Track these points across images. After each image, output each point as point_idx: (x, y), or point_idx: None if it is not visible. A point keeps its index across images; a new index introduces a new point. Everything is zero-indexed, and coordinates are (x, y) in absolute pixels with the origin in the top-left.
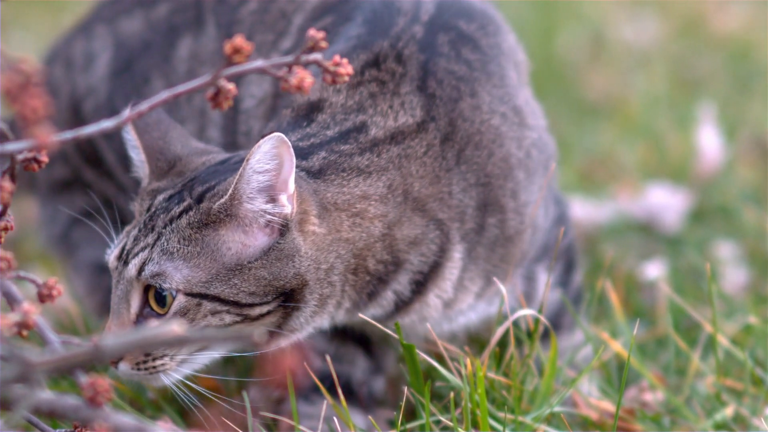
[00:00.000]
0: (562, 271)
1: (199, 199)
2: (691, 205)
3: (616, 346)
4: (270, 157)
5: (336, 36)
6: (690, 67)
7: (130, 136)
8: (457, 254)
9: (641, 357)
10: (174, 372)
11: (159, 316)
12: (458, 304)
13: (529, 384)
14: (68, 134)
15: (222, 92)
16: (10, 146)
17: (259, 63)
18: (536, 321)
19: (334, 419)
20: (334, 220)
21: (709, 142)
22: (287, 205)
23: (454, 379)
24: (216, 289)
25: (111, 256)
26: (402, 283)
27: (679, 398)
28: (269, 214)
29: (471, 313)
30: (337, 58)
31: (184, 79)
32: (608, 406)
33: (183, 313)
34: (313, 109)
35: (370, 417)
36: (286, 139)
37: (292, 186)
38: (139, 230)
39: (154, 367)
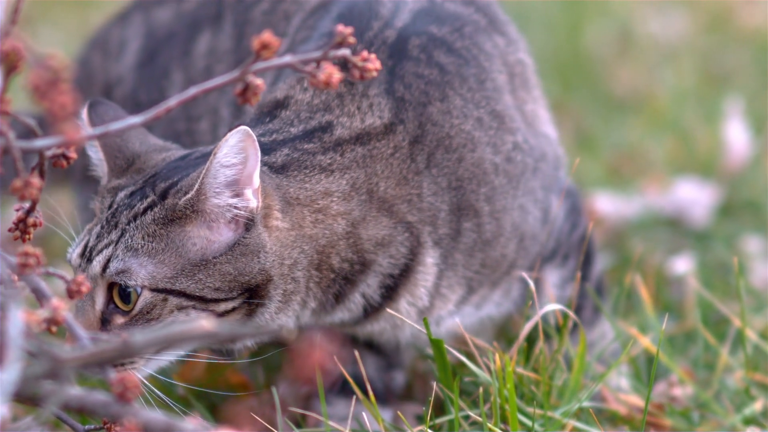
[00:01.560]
0: (575, 267)
1: (163, 196)
2: (719, 199)
3: (645, 341)
4: (236, 151)
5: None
6: (717, 61)
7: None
8: (430, 259)
9: (670, 352)
10: (140, 371)
11: (124, 313)
12: (436, 311)
13: (558, 379)
14: (97, 131)
15: (250, 88)
16: (39, 143)
17: (287, 59)
18: (565, 316)
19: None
20: (296, 215)
21: (737, 136)
22: (253, 200)
23: (483, 375)
24: (181, 285)
25: (73, 253)
26: (371, 285)
27: (708, 393)
28: (235, 208)
29: (452, 319)
30: (364, 53)
31: (202, 75)
32: (637, 401)
33: (149, 309)
34: (277, 105)
35: (398, 412)
36: (251, 132)
37: (257, 180)
38: (102, 227)
39: (123, 364)
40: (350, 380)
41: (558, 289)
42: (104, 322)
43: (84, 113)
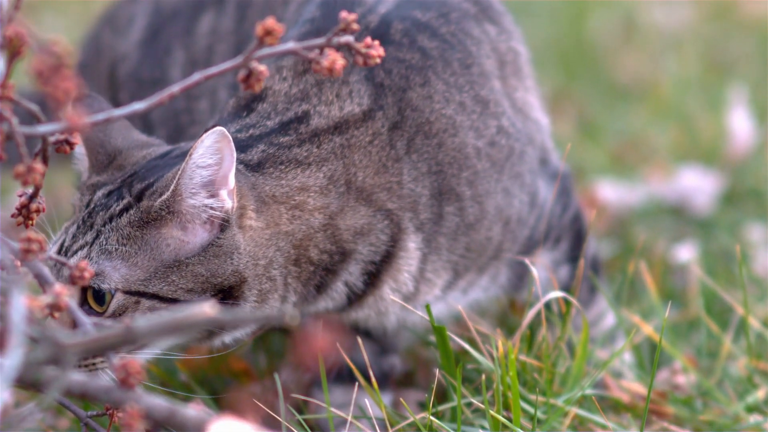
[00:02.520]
0: (569, 248)
1: (139, 197)
2: (722, 187)
3: (648, 329)
4: (212, 152)
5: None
6: (721, 49)
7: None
8: (412, 244)
9: (673, 339)
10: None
11: (98, 314)
12: (421, 297)
13: (561, 366)
14: (100, 116)
15: (254, 74)
16: (42, 128)
17: (290, 45)
18: (567, 303)
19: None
20: (272, 214)
21: (740, 124)
22: (228, 201)
23: (486, 362)
24: (154, 287)
25: (50, 252)
26: (353, 273)
27: (711, 381)
28: (210, 209)
29: (440, 304)
30: (368, 40)
31: (203, 54)
32: (640, 388)
33: (121, 311)
34: (254, 98)
35: (401, 399)
36: (227, 133)
37: (232, 181)
38: (78, 227)
39: (94, 365)
40: (352, 366)
41: (545, 271)
42: (78, 324)
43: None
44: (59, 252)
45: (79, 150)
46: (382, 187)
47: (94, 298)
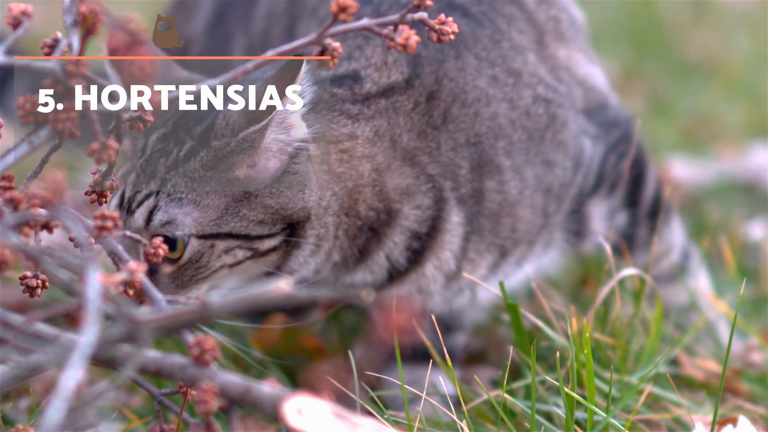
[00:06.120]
0: (626, 194)
1: (203, 138)
2: None
3: (722, 306)
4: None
5: None
6: None
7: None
8: (455, 218)
9: (748, 316)
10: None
11: (172, 261)
12: (464, 277)
13: (635, 344)
14: (173, 94)
15: (328, 51)
16: (116, 105)
17: (364, 21)
18: (641, 281)
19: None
20: (326, 152)
21: None
22: (299, 131)
23: (560, 339)
24: (228, 226)
25: (110, 205)
26: (398, 244)
27: None
28: (283, 142)
29: (489, 282)
30: (442, 16)
31: (260, 40)
32: (714, 366)
33: (198, 257)
34: None
35: (475, 376)
36: (306, 66)
37: (303, 112)
38: (138, 176)
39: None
40: (428, 344)
41: (606, 220)
42: (151, 272)
43: None
44: (120, 204)
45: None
46: (423, 150)
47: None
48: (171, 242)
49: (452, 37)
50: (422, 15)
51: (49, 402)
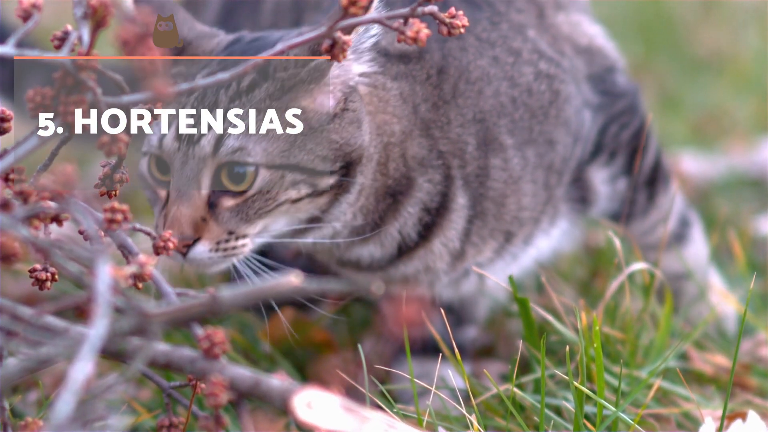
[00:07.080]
0: (625, 162)
1: (262, 72)
2: None
3: (732, 300)
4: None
5: None
6: None
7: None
8: (460, 199)
9: (757, 310)
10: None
11: (236, 194)
12: (469, 258)
13: (644, 338)
14: (184, 86)
15: (338, 44)
16: (127, 98)
17: (374, 14)
18: (651, 276)
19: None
20: (372, 96)
21: None
22: (361, 68)
23: (569, 334)
24: (296, 158)
25: (165, 137)
26: (412, 215)
27: None
28: (343, 76)
29: (494, 265)
30: (452, 10)
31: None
32: (723, 360)
33: (267, 188)
34: None
35: (484, 370)
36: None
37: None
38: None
39: (234, 248)
40: (437, 337)
41: (607, 185)
42: (211, 206)
43: None
44: (177, 135)
45: None
46: (436, 123)
47: (229, 177)
48: (236, 176)
49: (462, 30)
50: (432, 8)
51: (58, 395)
